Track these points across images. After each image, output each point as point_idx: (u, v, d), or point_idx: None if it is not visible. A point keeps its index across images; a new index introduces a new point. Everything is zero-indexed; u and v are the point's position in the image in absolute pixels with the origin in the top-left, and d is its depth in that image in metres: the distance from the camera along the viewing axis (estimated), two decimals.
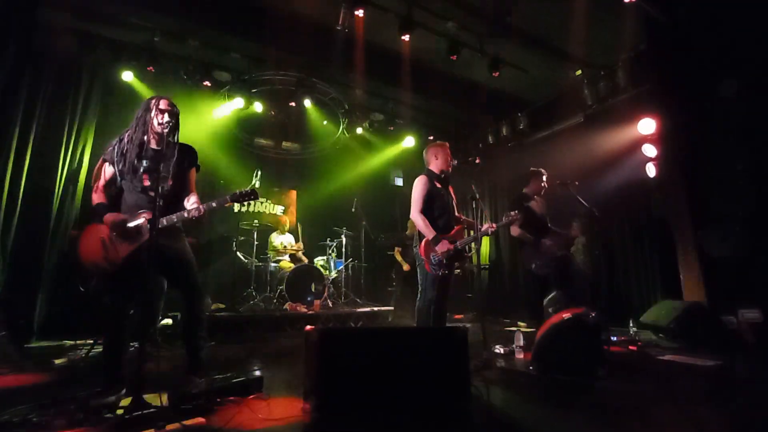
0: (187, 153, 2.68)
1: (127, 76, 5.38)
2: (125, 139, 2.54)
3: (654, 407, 2.23)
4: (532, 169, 4.39)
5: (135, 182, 2.49)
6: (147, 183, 2.48)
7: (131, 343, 2.58)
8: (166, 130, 2.48)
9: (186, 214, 2.46)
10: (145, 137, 2.56)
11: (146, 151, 2.54)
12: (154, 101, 2.55)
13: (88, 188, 2.55)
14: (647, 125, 5.11)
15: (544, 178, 4.31)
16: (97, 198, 2.50)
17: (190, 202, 2.60)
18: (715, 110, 4.45)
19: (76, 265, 2.45)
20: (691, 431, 1.95)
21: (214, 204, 2.51)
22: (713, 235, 4.39)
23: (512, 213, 3.54)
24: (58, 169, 4.75)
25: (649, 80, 5.23)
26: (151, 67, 5.41)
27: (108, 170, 2.54)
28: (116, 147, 2.53)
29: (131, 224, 2.41)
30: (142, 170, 2.49)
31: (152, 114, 2.52)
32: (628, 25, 5.05)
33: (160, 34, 5.18)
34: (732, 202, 4.26)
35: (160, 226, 2.26)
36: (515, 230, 4.07)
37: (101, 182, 2.52)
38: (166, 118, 2.48)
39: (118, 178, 2.52)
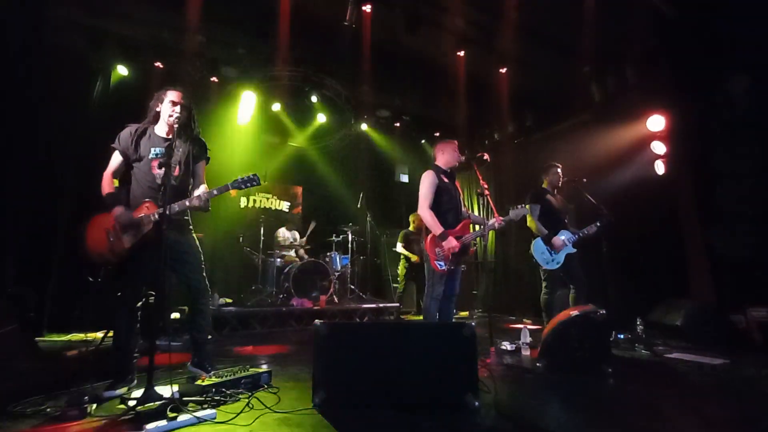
0: (198, 145, 2.70)
1: (135, 70, 5.40)
2: (137, 129, 2.60)
3: (661, 405, 2.23)
4: (549, 162, 4.39)
5: (144, 171, 2.54)
6: (155, 171, 2.52)
7: (140, 336, 2.63)
8: (175, 122, 2.53)
9: (187, 203, 2.48)
10: (156, 127, 2.63)
11: (156, 140, 2.59)
12: (165, 93, 2.60)
13: (98, 181, 2.58)
14: (656, 122, 5.06)
15: (559, 170, 4.30)
16: (106, 188, 2.51)
17: (197, 192, 2.60)
18: (725, 106, 4.40)
19: (84, 257, 2.49)
20: (698, 429, 1.94)
21: (215, 191, 2.51)
22: (722, 234, 4.36)
23: (519, 206, 3.53)
24: (66, 162, 4.80)
25: (658, 76, 5.17)
26: (158, 63, 5.44)
27: (117, 158, 2.57)
28: (128, 135, 2.57)
29: (136, 216, 2.45)
30: (150, 158, 2.54)
31: (163, 105, 2.59)
32: (637, 20, 4.99)
33: (168, 30, 5.20)
34: (741, 200, 4.22)
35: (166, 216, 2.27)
36: (531, 221, 4.08)
37: (110, 171, 2.55)
38: (177, 110, 2.53)
39: (128, 166, 2.57)
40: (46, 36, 4.72)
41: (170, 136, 2.57)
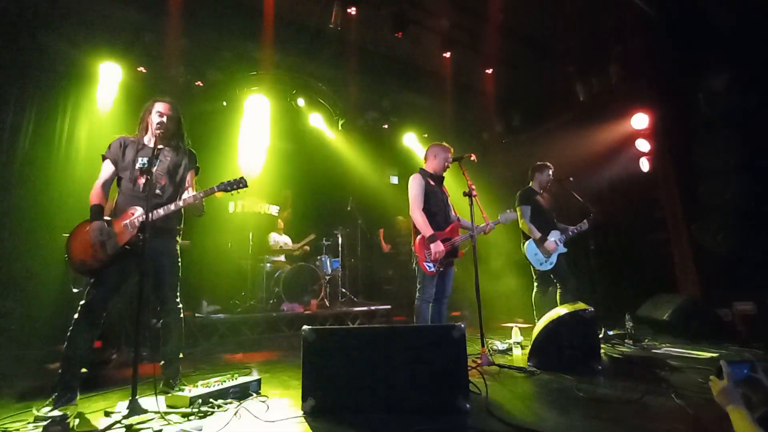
0: (187, 156, 2.75)
1: (120, 76, 5.30)
2: (126, 139, 2.63)
3: (651, 400, 2.25)
4: (538, 163, 4.40)
5: (130, 180, 2.54)
6: (141, 181, 2.53)
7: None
8: (161, 132, 2.55)
9: (173, 207, 2.48)
10: (145, 137, 2.67)
11: (145, 151, 2.60)
12: (152, 104, 2.62)
13: (81, 192, 2.55)
14: (640, 120, 5.14)
15: (550, 172, 4.31)
16: (94, 198, 2.48)
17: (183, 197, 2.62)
18: (707, 104, 4.47)
19: (67, 266, 2.43)
20: (687, 423, 1.96)
21: (201, 194, 2.52)
22: (707, 229, 4.42)
23: (509, 210, 3.56)
24: (50, 172, 4.70)
25: (642, 75, 5.24)
26: (142, 68, 5.36)
27: (108, 168, 2.57)
28: (118, 146, 2.59)
29: (118, 225, 2.43)
30: (138, 168, 2.53)
31: (151, 116, 2.61)
32: (620, 20, 5.06)
33: (151, 34, 5.12)
34: (725, 196, 4.29)
35: (150, 221, 2.27)
36: (524, 223, 4.08)
37: (100, 182, 2.54)
38: (163, 120, 2.56)
39: (117, 175, 2.58)
40: (28, 42, 4.62)
41: (157, 147, 2.54)
